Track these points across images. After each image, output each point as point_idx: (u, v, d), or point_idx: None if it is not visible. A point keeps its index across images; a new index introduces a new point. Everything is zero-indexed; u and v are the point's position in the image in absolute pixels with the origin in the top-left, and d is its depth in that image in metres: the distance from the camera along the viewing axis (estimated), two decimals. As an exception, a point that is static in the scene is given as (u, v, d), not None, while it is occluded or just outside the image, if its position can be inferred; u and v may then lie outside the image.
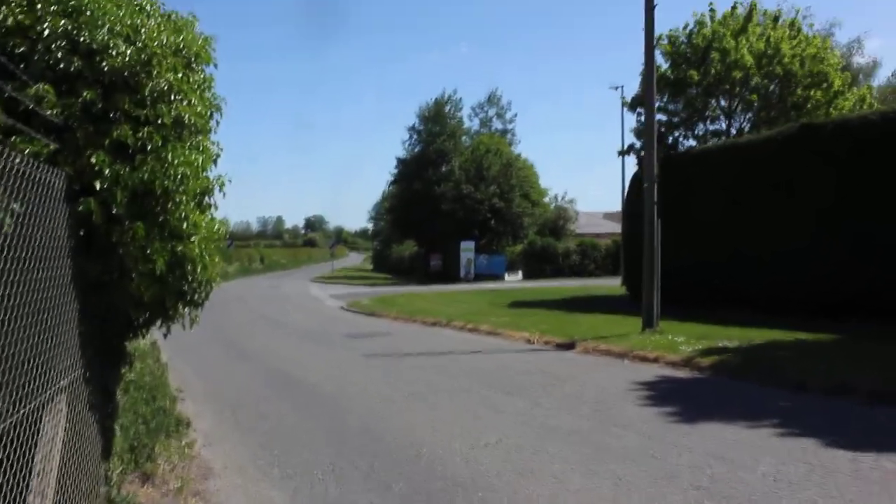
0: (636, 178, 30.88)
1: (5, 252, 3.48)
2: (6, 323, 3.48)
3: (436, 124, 63.62)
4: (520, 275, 55.40)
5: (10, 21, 5.07)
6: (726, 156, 22.94)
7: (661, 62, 32.14)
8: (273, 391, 11.42)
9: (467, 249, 54.71)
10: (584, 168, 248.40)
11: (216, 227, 6.39)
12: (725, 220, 21.19)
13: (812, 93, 28.55)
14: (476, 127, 67.59)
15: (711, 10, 30.13)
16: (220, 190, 6.40)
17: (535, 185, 59.64)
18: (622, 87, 44.63)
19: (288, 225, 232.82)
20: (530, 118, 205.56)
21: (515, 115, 71.59)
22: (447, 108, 64.58)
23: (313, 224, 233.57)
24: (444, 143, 62.30)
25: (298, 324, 23.44)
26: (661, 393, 10.45)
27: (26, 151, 4.48)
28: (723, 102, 30.15)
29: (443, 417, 9.11)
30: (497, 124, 68.05)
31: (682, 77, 29.80)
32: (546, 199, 62.64)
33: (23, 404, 3.73)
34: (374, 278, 64.55)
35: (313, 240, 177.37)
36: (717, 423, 8.37)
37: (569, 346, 15.94)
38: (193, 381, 12.58)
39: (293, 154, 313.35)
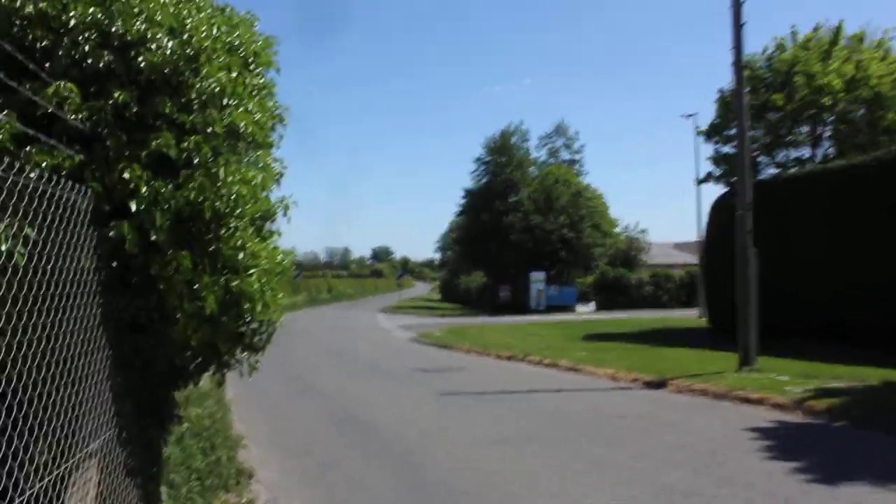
0: (717, 206, 29.60)
1: (16, 289, 2.62)
2: (19, 377, 2.62)
3: (502, 155, 62.87)
4: (592, 306, 54.18)
5: (29, 9, 4.17)
6: (823, 180, 21.61)
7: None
8: (342, 435, 10.47)
9: (537, 280, 53.57)
10: (652, 200, 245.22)
11: (279, 257, 5.35)
12: (824, 247, 19.85)
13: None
14: (543, 157, 66.48)
15: (793, 33, 28.90)
16: (285, 214, 5.47)
17: (605, 216, 58.43)
18: (695, 114, 43.06)
19: (355, 255, 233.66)
20: (596, 152, 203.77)
21: (583, 145, 70.39)
22: (514, 139, 63.80)
23: (380, 254, 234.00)
24: (512, 174, 61.47)
25: (367, 357, 22.62)
26: (780, 443, 9.26)
27: (44, 164, 3.65)
28: (806, 128, 28.71)
29: (536, 471, 8.10)
30: (564, 154, 66.81)
31: (763, 102, 28.54)
32: (616, 230, 61.27)
33: (39, 476, 2.87)
34: (441, 309, 63.74)
35: (380, 270, 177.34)
36: (862, 486, 7.18)
37: (659, 385, 14.81)
38: (257, 422, 11.74)
39: (357, 184, 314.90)
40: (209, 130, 4.48)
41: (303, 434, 10.63)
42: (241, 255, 4.63)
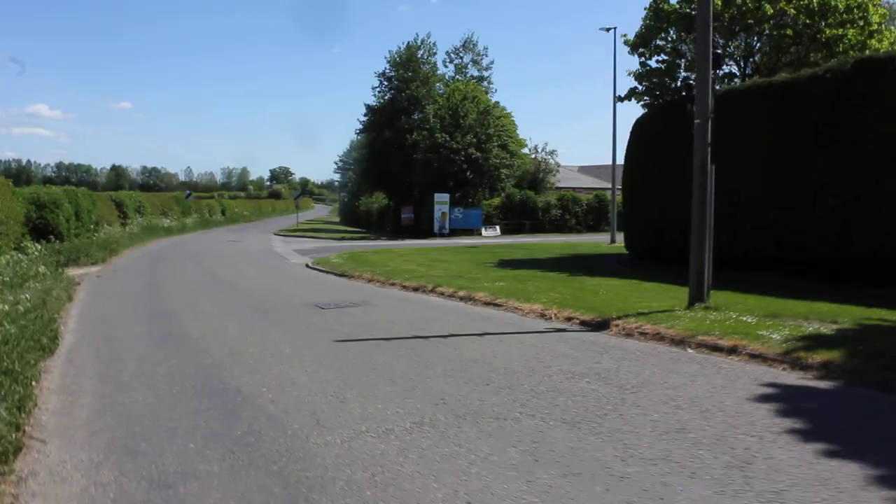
0: (639, 124, 27.45)
1: None
2: None
3: (408, 70, 59.44)
4: (497, 230, 52.11)
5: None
6: (763, 97, 19.47)
7: (670, -5, 28.59)
8: (202, 412, 7.28)
9: (442, 202, 51.00)
10: (561, 121, 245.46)
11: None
12: (759, 173, 17.91)
13: (846, 30, 25.00)
14: (451, 74, 63.18)
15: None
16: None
17: (514, 136, 55.78)
18: (614, 28, 40.46)
19: (253, 176, 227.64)
20: (505, 71, 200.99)
21: (492, 62, 67.02)
22: (420, 54, 60.30)
23: (278, 176, 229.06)
24: (417, 90, 58.19)
25: (255, 289, 19.60)
26: (807, 420, 6.79)
27: None
28: (743, 41, 26.45)
29: (479, 478, 5.42)
30: (473, 71, 63.59)
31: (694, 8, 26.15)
32: (525, 151, 58.85)
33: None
34: (341, 232, 60.77)
35: (278, 192, 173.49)
36: None
37: (601, 326, 12.39)
38: (85, 381, 8.77)
39: (258, 105, 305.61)
40: None
41: (146, 409, 7.42)
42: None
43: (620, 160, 39.80)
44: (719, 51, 13.57)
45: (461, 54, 63.86)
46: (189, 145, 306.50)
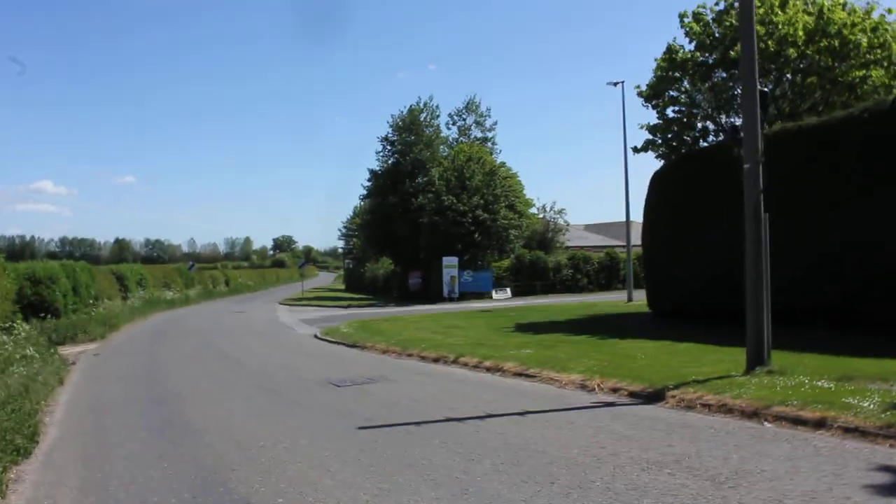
0: (658, 177, 26.37)
1: None
2: None
3: (411, 133, 58.62)
4: (508, 292, 50.75)
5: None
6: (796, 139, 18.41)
7: (684, 43, 27.60)
8: None
9: (450, 266, 49.67)
10: (558, 181, 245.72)
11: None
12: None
13: (870, 71, 23.90)
14: (454, 136, 62.44)
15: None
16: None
17: (521, 196, 54.69)
18: (622, 82, 39.52)
19: (256, 246, 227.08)
20: (508, 132, 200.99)
21: (496, 122, 66.26)
22: (423, 116, 59.58)
23: (281, 244, 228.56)
24: (421, 153, 57.33)
25: (262, 365, 18.14)
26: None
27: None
28: (768, 86, 25.25)
29: None
30: (476, 133, 62.86)
31: (718, 58, 25.14)
32: (533, 210, 57.75)
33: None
34: (348, 299, 59.29)
35: (282, 260, 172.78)
36: None
37: (654, 398, 10.99)
38: (63, 494, 7.22)
39: (260, 176, 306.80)
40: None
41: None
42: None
43: (632, 215, 38.96)
44: (766, 89, 12.25)
45: (464, 116, 63.25)
46: (193, 215, 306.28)
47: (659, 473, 6.86)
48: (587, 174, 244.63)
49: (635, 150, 29.41)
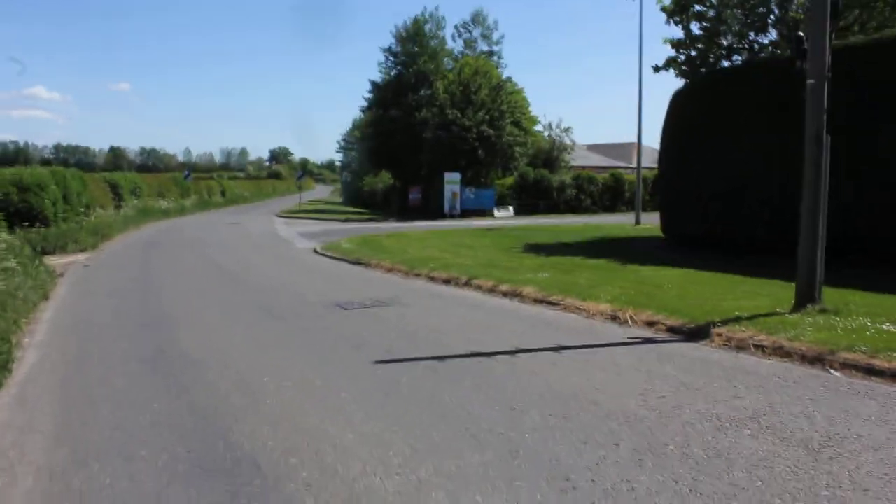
0: (678, 97, 24.98)
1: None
2: None
3: (415, 45, 56.72)
4: (510, 210, 49.65)
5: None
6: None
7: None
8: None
9: (452, 182, 48.42)
10: (561, 100, 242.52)
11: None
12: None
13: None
14: (460, 49, 60.36)
15: None
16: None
17: (526, 112, 53.02)
18: (641, -7, 37.61)
19: (252, 157, 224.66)
20: (515, 48, 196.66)
21: (502, 36, 63.87)
22: (428, 27, 57.54)
23: (278, 156, 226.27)
24: (426, 65, 55.50)
25: (262, 283, 17.06)
26: None
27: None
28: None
29: None
30: (482, 46, 60.74)
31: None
32: (538, 128, 56.14)
33: None
34: (346, 213, 58.17)
35: (278, 172, 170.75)
36: None
37: (696, 334, 9.93)
38: (33, 444, 6.14)
39: (258, 86, 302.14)
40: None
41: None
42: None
43: (642, 137, 37.45)
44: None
45: (470, 28, 61.09)
46: (188, 126, 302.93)
47: (738, 435, 5.81)
48: (592, 93, 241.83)
49: (656, 69, 27.88)
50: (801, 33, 11.32)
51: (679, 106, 24.64)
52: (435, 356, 8.69)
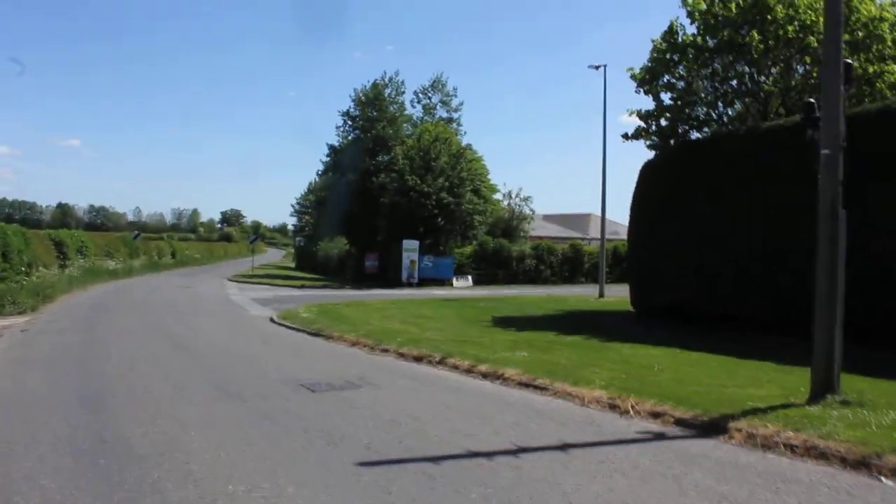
0: (650, 167, 24.52)
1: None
2: None
3: (374, 109, 56.01)
4: (469, 280, 48.69)
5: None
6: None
7: (686, 23, 25.56)
8: None
9: (411, 249, 47.34)
10: (515, 169, 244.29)
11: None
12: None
13: (888, 65, 22.13)
14: (419, 114, 59.86)
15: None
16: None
17: (486, 181, 52.41)
18: (605, 65, 37.41)
19: (203, 218, 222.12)
20: (473, 116, 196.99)
21: (462, 103, 63.43)
22: (387, 92, 56.98)
23: (230, 218, 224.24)
24: (384, 130, 54.77)
25: (217, 354, 15.71)
26: None
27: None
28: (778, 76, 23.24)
29: None
30: (442, 112, 60.34)
31: (724, 41, 23.04)
32: (497, 197, 55.50)
33: None
34: (300, 279, 56.59)
35: (230, 234, 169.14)
36: None
37: (711, 429, 8.88)
38: None
39: (210, 148, 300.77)
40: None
41: None
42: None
43: (591, 208, 36.97)
44: (850, 61, 10.14)
45: (429, 94, 60.67)
46: (138, 184, 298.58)
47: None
48: (548, 161, 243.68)
49: (626, 137, 27.29)
50: (812, 100, 10.56)
51: (649, 177, 24.16)
52: (426, 457, 7.45)
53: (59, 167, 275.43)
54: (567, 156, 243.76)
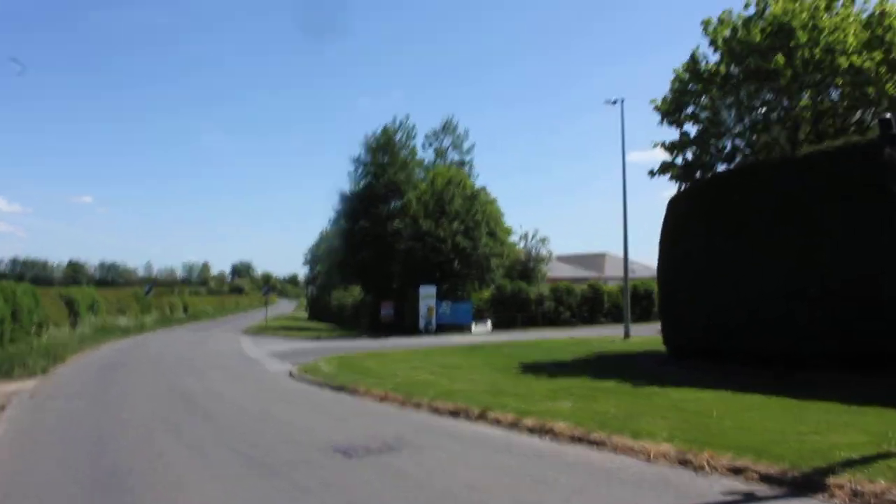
0: (677, 201, 23.62)
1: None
2: None
3: (385, 154, 55.53)
4: (488, 325, 47.63)
5: None
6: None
7: (707, 53, 24.81)
8: None
9: (428, 296, 46.47)
10: (528, 211, 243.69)
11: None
12: None
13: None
14: (430, 158, 59.35)
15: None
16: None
17: (500, 223, 51.64)
18: (622, 99, 36.67)
19: (214, 271, 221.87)
20: (484, 158, 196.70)
21: (473, 144, 62.88)
22: (398, 137, 56.48)
23: (240, 270, 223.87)
24: (396, 176, 54.17)
25: (238, 417, 14.64)
26: None
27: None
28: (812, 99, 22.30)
29: None
30: (453, 155, 59.82)
31: (752, 68, 22.20)
32: (512, 239, 54.65)
33: None
34: (315, 329, 55.72)
35: (240, 287, 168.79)
36: None
37: (806, 487, 7.83)
38: None
39: (219, 200, 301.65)
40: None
41: None
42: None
43: (606, 246, 35.74)
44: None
45: (440, 137, 60.31)
46: (150, 239, 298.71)
47: None
48: (561, 202, 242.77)
49: (651, 173, 26.40)
50: (888, 115, 9.64)
51: (678, 212, 23.19)
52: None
53: (71, 224, 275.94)
54: (578, 195, 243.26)
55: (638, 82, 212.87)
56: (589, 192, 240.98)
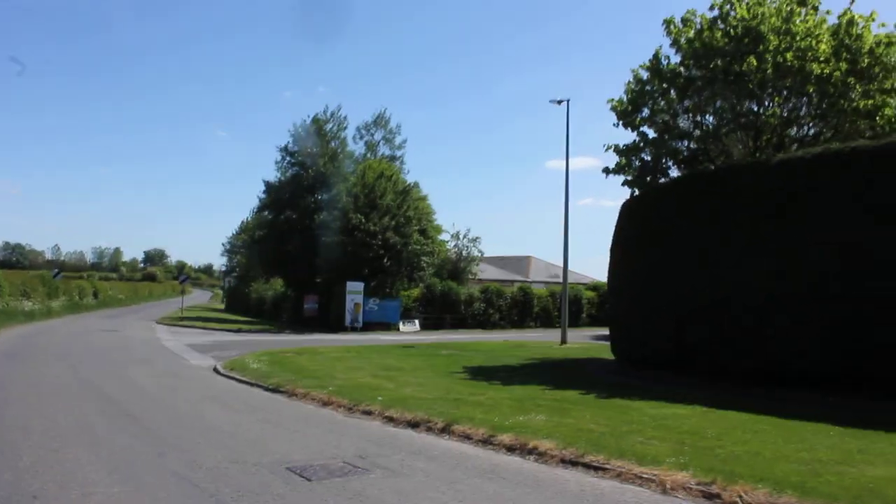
0: (631, 206, 22.67)
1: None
2: None
3: (314, 144, 53.47)
4: (417, 324, 46.24)
5: None
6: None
7: (669, 53, 23.82)
8: None
9: (355, 292, 44.71)
10: (455, 209, 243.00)
11: None
12: None
13: (886, 98, 20.60)
14: (361, 151, 57.49)
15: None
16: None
17: (432, 221, 50.21)
18: (567, 100, 35.39)
19: (126, 258, 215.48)
20: (415, 155, 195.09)
21: (405, 140, 61.16)
22: (328, 127, 54.52)
23: (153, 257, 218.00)
24: (325, 167, 52.18)
25: (164, 419, 12.68)
26: None
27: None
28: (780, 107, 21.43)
29: None
30: (384, 149, 58.06)
31: (719, 68, 21.25)
32: (443, 237, 53.31)
33: None
34: (234, 322, 53.34)
35: (154, 274, 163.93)
36: None
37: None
38: None
39: (132, 186, 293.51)
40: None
41: None
42: None
43: (530, 251, 35.02)
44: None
45: (372, 131, 58.49)
46: (58, 222, 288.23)
47: None
48: (487, 204, 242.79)
49: (607, 171, 25.31)
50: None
51: (630, 215, 22.25)
52: None
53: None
54: (506, 197, 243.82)
55: (562, 87, 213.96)
56: (514, 195, 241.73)
